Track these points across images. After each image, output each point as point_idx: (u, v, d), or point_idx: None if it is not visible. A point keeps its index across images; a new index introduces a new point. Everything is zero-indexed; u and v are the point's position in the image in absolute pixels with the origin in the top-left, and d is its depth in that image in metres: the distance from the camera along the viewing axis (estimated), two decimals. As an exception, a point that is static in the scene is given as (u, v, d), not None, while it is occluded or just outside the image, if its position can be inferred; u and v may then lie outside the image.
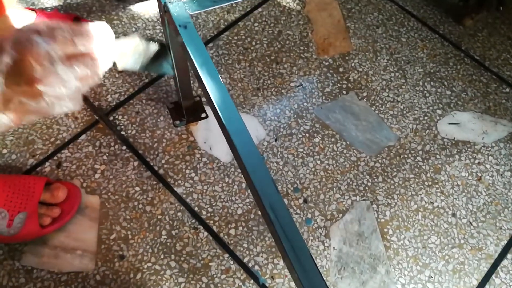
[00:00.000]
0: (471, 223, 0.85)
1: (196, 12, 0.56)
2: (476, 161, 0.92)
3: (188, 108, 0.84)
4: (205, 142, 0.87)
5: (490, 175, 0.91)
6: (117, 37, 0.52)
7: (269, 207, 0.44)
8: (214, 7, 0.58)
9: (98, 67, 0.47)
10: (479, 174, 0.91)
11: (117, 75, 0.92)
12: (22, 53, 0.42)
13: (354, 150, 0.90)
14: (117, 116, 0.88)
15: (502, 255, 0.83)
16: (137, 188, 0.82)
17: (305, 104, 0.94)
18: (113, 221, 0.78)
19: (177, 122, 0.87)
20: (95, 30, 0.46)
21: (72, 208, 0.77)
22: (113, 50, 0.50)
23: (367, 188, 0.87)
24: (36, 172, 0.82)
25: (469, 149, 0.93)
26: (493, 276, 0.81)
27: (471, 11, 1.07)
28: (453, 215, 0.86)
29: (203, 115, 0.88)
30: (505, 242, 0.84)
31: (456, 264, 0.81)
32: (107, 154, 0.84)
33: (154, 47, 0.63)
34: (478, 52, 1.06)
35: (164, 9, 0.57)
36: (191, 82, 0.88)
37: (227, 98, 0.49)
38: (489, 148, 0.94)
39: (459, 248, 0.83)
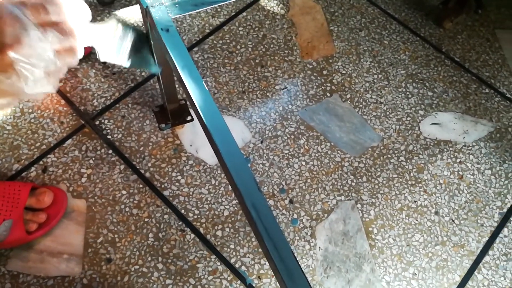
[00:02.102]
0: (453, 220, 0.87)
1: (178, 15, 0.57)
2: (458, 160, 0.94)
3: (173, 111, 0.85)
4: (191, 145, 0.88)
5: (471, 173, 0.93)
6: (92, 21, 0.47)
7: (251, 206, 0.45)
8: (197, 11, 0.59)
9: (75, 42, 0.43)
10: (461, 173, 0.93)
11: (102, 80, 0.93)
12: None
13: (338, 151, 0.92)
14: (103, 120, 0.88)
15: (484, 252, 0.85)
16: (124, 192, 0.82)
17: (290, 106, 0.95)
18: (100, 224, 0.79)
19: (163, 125, 0.87)
20: (68, 2, 0.42)
21: (58, 212, 0.77)
22: (90, 30, 0.47)
23: (351, 188, 0.88)
24: (22, 178, 0.81)
25: (450, 149, 0.95)
26: (475, 272, 0.83)
27: (450, 14, 1.09)
28: (436, 213, 0.88)
29: (189, 118, 0.89)
30: (487, 238, 0.86)
31: (440, 261, 0.83)
32: (93, 158, 0.84)
33: (133, 34, 0.56)
34: (458, 54, 1.09)
35: (146, 13, 0.58)
36: (176, 85, 0.88)
37: (209, 100, 0.50)
38: (470, 147, 0.96)
39: (442, 245, 0.85)
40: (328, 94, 0.98)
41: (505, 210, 0.89)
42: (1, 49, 0.38)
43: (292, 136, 0.92)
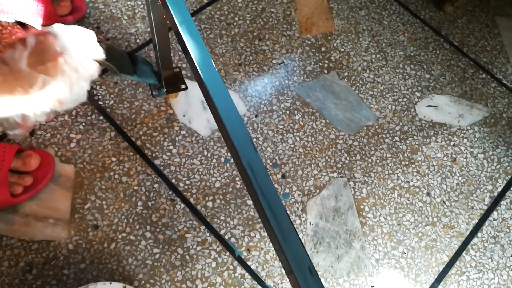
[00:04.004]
0: (444, 202, 0.87)
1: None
2: (452, 143, 0.94)
3: (167, 79, 0.83)
4: (184, 115, 0.86)
5: (464, 157, 0.93)
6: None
7: (247, 165, 0.44)
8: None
9: (99, 55, 0.56)
10: (454, 156, 0.93)
11: (95, 45, 0.90)
12: (44, 33, 0.49)
13: (333, 128, 0.91)
14: (94, 86, 0.86)
15: (472, 234, 0.85)
16: (114, 159, 0.80)
17: (286, 81, 0.94)
18: (88, 190, 0.77)
19: (156, 92, 0.85)
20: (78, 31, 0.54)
21: (45, 176, 0.75)
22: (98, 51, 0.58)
23: (344, 165, 0.87)
24: (8, 140, 0.79)
25: (445, 131, 0.95)
26: (463, 253, 0.83)
27: (451, -2, 1.08)
28: (428, 194, 0.88)
29: (183, 86, 0.86)
30: (476, 221, 0.86)
31: (429, 241, 0.83)
32: (83, 124, 0.82)
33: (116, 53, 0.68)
34: (457, 38, 1.08)
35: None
36: (171, 54, 0.86)
37: (207, 56, 0.48)
38: (464, 131, 0.96)
39: (432, 226, 0.85)
40: (326, 71, 0.97)
41: (495, 194, 0.90)
42: (54, 56, 0.48)
43: (288, 112, 0.91)
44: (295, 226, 0.80)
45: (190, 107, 0.87)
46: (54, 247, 0.72)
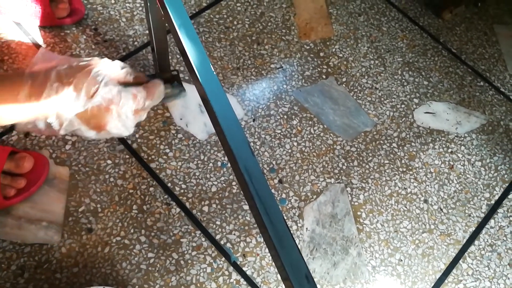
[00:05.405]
0: (441, 209, 0.87)
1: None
2: (449, 150, 0.94)
3: (165, 81, 0.82)
4: (181, 119, 0.86)
5: (461, 164, 0.93)
6: None
7: (244, 169, 0.43)
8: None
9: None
10: (451, 163, 0.92)
11: (93, 46, 0.89)
12: (106, 105, 0.45)
13: (331, 134, 0.90)
14: (91, 88, 0.85)
15: (470, 241, 0.85)
16: (109, 161, 0.79)
17: (284, 86, 0.94)
18: (82, 193, 0.76)
19: (154, 96, 0.85)
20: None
21: (39, 178, 0.74)
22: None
23: (342, 171, 0.87)
24: (2, 141, 0.78)
25: (443, 138, 0.95)
26: (460, 261, 0.83)
27: (450, 5, 1.08)
28: (425, 201, 0.87)
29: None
30: (473, 229, 0.86)
31: (426, 249, 0.83)
32: (78, 126, 0.81)
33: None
34: (455, 45, 1.08)
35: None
36: (169, 57, 0.86)
37: (205, 59, 0.48)
38: (462, 138, 0.96)
39: (429, 233, 0.84)
40: (324, 77, 0.97)
41: (493, 202, 0.89)
42: (98, 128, 0.47)
43: (285, 116, 0.90)
44: (291, 231, 0.79)
45: (187, 111, 0.86)
46: (46, 250, 0.71)
